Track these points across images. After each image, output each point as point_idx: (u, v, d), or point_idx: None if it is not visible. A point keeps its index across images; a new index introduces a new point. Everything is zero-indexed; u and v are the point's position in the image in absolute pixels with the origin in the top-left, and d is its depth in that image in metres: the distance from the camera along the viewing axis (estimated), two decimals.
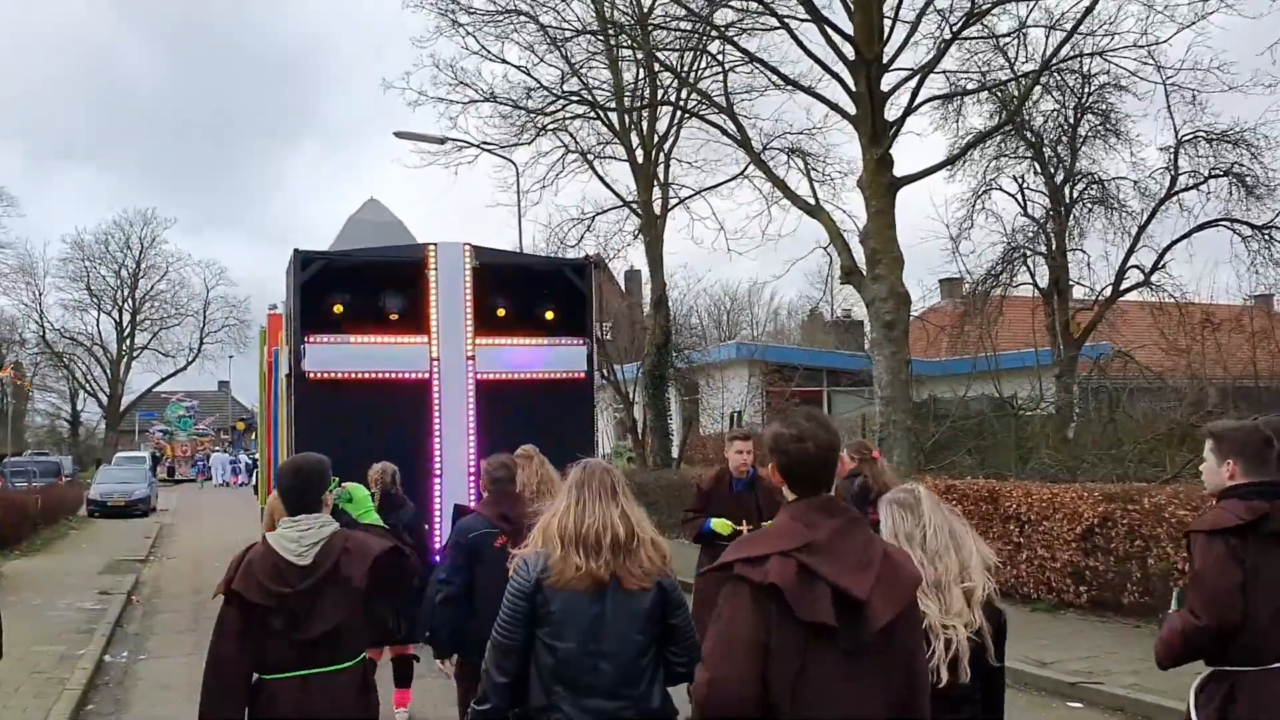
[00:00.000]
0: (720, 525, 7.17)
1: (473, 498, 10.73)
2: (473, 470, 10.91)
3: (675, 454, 23.22)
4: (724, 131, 18.54)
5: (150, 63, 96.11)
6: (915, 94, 15.22)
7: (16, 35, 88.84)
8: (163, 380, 66.37)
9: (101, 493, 32.27)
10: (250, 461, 49.76)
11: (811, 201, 16.98)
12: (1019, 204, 27.87)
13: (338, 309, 11.13)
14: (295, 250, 11.28)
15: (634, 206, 23.12)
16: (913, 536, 3.31)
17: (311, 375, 11.01)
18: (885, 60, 15.16)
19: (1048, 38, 17.11)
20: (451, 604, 5.26)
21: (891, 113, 15.26)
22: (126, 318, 65.04)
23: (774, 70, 16.15)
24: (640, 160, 22.14)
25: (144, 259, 64.07)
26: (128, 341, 65.26)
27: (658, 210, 22.70)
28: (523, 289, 11.81)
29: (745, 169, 22.49)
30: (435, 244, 11.43)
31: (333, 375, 11.03)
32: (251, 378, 31.13)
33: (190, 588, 16.21)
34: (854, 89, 15.25)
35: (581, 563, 3.40)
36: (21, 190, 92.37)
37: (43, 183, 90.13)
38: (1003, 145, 25.28)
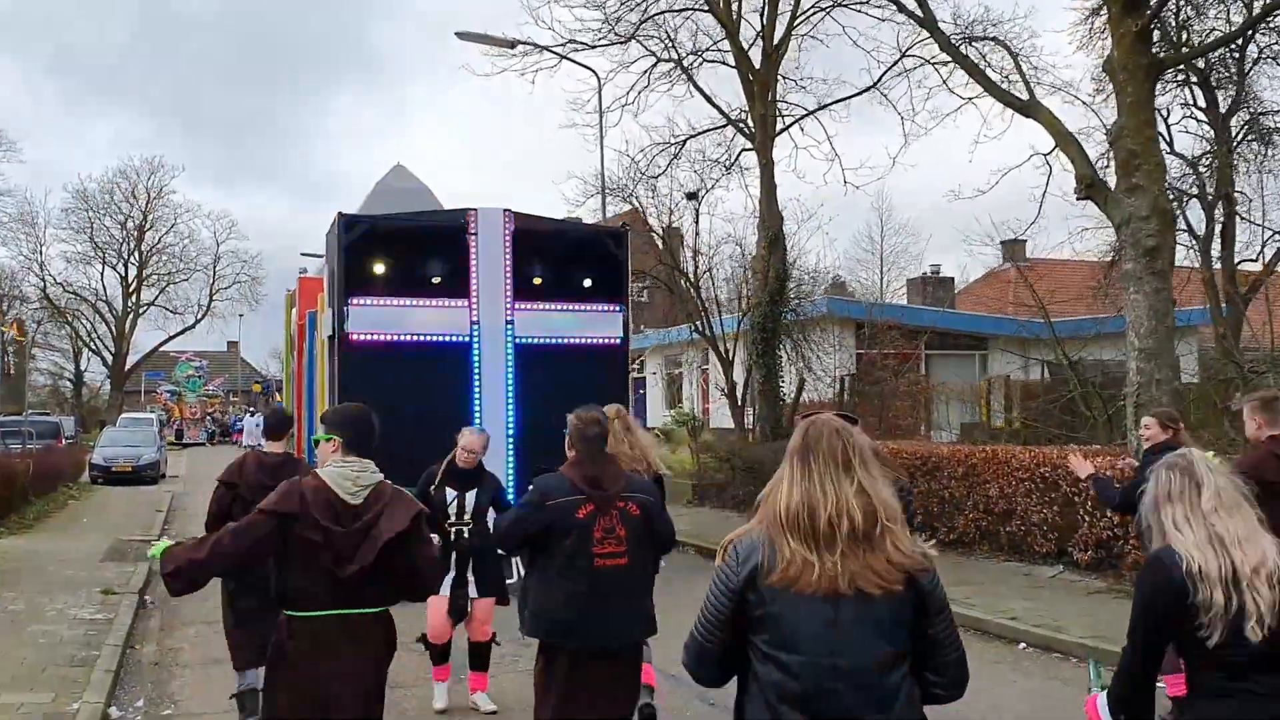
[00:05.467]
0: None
1: (512, 461, 11.17)
2: (511, 433, 11.31)
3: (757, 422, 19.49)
4: (901, 8, 14.71)
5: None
6: None
7: None
8: (170, 339, 63.21)
9: (105, 457, 28.83)
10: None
11: (1023, 97, 13.15)
12: (1165, 140, 24.18)
13: (380, 272, 11.18)
14: (339, 213, 11.37)
15: (742, 124, 19.32)
16: (1184, 494, 3.05)
17: (355, 337, 11.11)
18: None
19: None
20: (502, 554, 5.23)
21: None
22: (132, 272, 61.60)
23: None
24: (758, 64, 18.28)
25: (150, 210, 60.46)
26: (133, 297, 61.79)
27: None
28: (560, 254, 11.87)
29: (880, 78, 18.73)
30: (476, 209, 11.49)
31: (376, 337, 11.17)
32: (262, 338, 27.79)
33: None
34: None
35: (812, 558, 2.67)
36: (33, 130, 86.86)
37: (53, 125, 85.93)
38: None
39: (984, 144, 54.04)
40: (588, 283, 11.82)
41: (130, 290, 61.52)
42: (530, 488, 4.82)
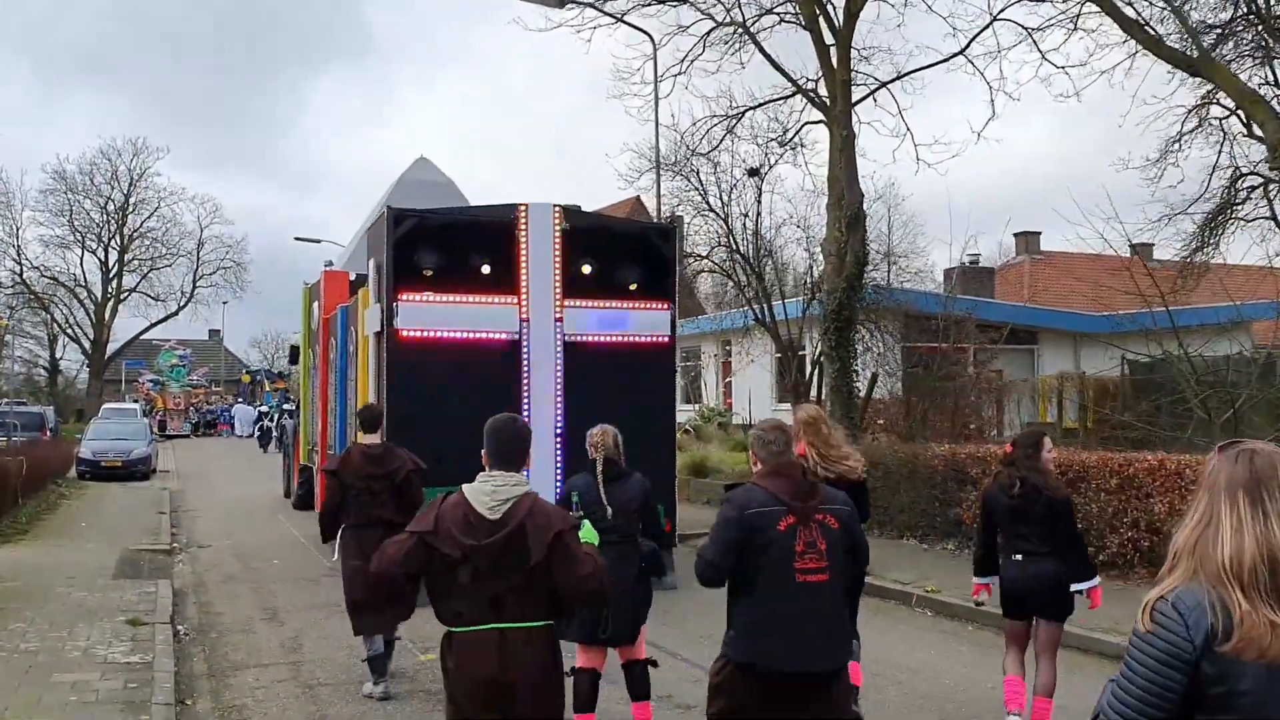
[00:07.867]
0: None
1: (559, 459, 11.03)
2: (559, 431, 11.14)
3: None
4: None
5: None
6: None
7: None
8: (151, 326, 61.03)
9: (94, 451, 26.87)
10: (257, 414, 44.91)
11: (1189, 53, 11.50)
12: (1242, 122, 22.64)
13: (429, 268, 11.01)
14: (388, 207, 11.43)
15: (813, 93, 17.60)
16: None
17: (404, 333, 10.99)
18: None
19: None
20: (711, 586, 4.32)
21: None
22: (113, 257, 59.21)
23: None
24: (839, 22, 16.56)
25: (133, 193, 58.05)
26: (114, 283, 59.38)
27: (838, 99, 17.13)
28: (608, 251, 11.74)
29: (967, 46, 17.08)
30: (526, 204, 11.40)
31: (425, 333, 11.06)
32: (244, 326, 25.92)
33: (258, 606, 10.84)
34: None
35: (1277, 619, 2.23)
36: (6, 108, 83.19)
37: (27, 103, 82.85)
38: (1237, 41, 19.86)
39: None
40: (635, 280, 11.69)
41: (110, 276, 59.23)
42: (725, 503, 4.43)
